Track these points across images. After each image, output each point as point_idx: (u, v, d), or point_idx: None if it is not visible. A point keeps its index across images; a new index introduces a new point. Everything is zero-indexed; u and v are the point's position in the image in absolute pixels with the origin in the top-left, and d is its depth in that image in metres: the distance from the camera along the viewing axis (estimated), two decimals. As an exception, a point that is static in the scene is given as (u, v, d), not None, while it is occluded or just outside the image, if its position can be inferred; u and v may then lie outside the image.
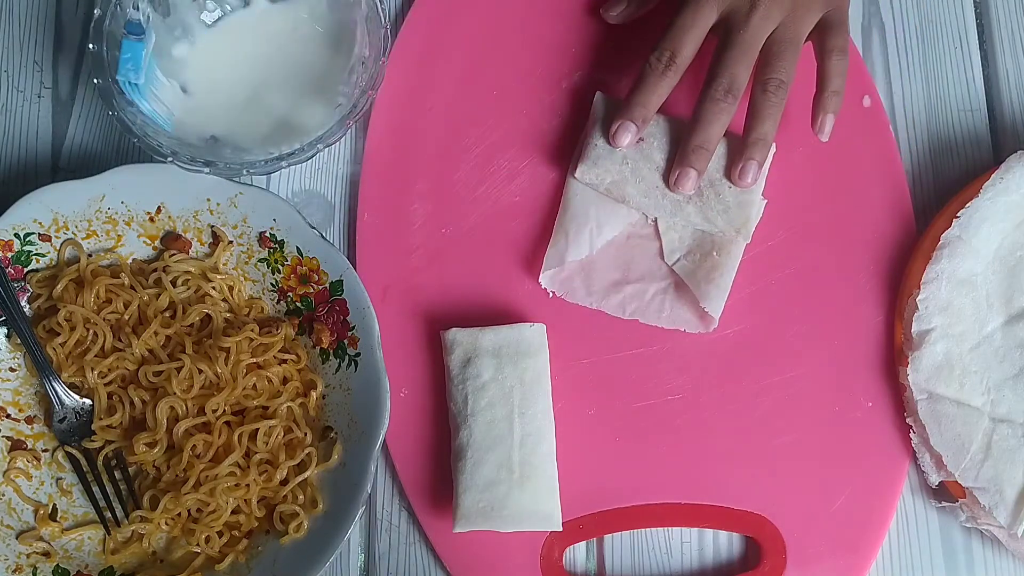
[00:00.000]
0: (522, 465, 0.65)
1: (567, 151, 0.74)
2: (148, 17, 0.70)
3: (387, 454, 0.70)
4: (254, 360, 0.69)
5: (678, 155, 0.68)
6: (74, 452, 0.70)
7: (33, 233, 0.70)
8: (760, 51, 0.68)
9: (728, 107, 0.67)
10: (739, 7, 0.67)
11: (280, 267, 0.71)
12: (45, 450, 0.71)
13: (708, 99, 0.67)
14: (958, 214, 0.69)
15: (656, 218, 0.71)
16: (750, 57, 0.67)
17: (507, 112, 0.75)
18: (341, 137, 0.70)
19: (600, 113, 0.71)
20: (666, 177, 0.69)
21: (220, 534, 0.68)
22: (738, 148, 0.69)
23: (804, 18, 0.68)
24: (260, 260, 0.72)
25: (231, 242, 0.72)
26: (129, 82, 0.69)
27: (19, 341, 0.70)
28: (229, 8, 0.73)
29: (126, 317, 0.70)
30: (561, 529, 0.66)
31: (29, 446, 0.70)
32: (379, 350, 0.68)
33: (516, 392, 0.67)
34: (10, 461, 0.69)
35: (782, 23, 0.67)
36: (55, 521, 0.69)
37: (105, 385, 0.70)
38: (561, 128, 0.75)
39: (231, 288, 0.72)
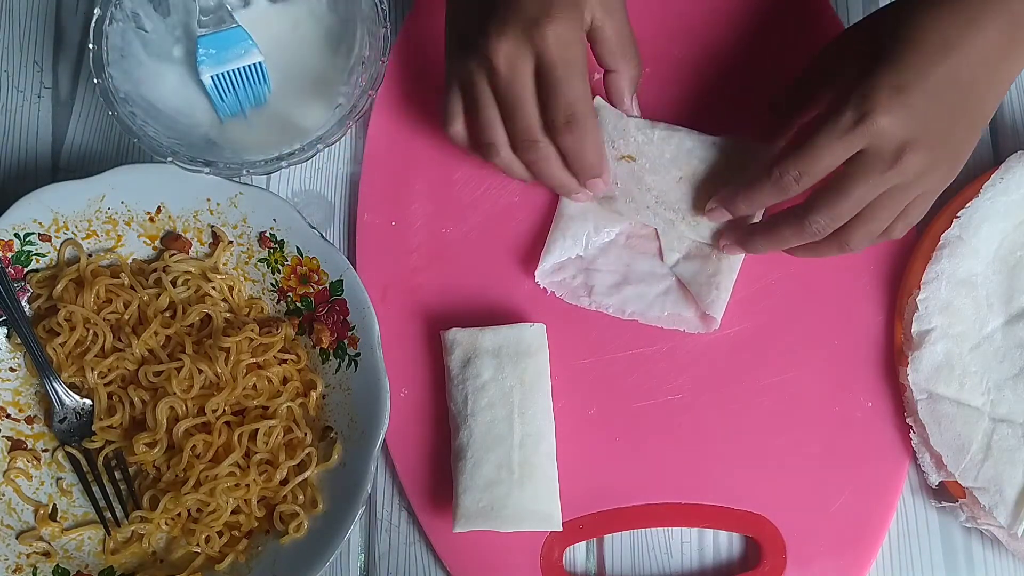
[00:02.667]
0: (522, 465, 0.65)
1: (567, 151, 0.74)
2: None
3: (387, 454, 0.70)
4: (254, 360, 0.69)
5: (724, 196, 0.66)
6: (74, 452, 0.70)
7: (33, 233, 0.70)
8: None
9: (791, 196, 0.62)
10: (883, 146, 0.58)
11: (280, 267, 0.71)
12: (45, 450, 0.71)
13: (779, 180, 0.61)
14: (958, 214, 0.69)
15: None
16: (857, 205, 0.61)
17: (507, 112, 0.75)
18: (341, 137, 0.70)
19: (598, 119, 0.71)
20: (662, 197, 0.69)
21: (220, 534, 0.68)
22: (736, 222, 0.67)
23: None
24: (260, 260, 0.72)
25: (231, 242, 0.72)
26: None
27: (19, 341, 0.70)
28: (229, 8, 0.73)
29: (126, 317, 0.70)
30: (561, 529, 0.66)
31: (29, 446, 0.71)
32: (379, 350, 0.68)
33: (516, 392, 0.67)
34: (10, 461, 0.69)
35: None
36: (55, 521, 0.69)
37: (105, 385, 0.70)
38: (561, 128, 0.75)
39: (231, 288, 0.72)
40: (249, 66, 0.71)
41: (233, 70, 0.71)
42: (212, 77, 0.71)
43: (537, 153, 0.64)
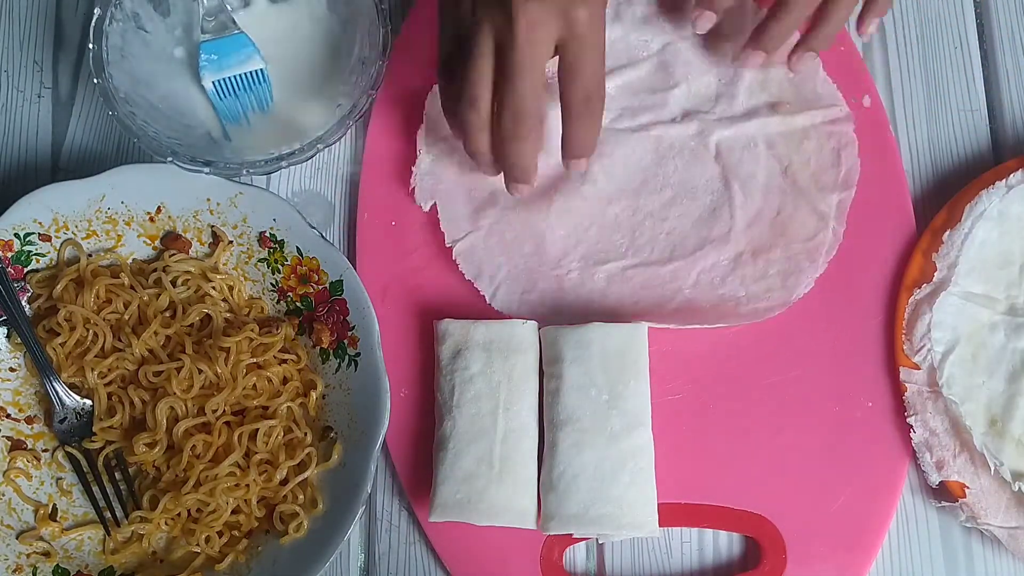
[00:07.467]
0: (502, 460, 0.65)
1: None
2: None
3: (387, 454, 0.70)
4: (254, 360, 0.69)
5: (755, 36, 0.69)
6: (74, 452, 0.70)
7: (33, 233, 0.70)
8: None
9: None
10: None
11: (280, 267, 0.71)
12: (45, 450, 0.71)
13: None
14: (960, 213, 0.69)
15: None
16: None
17: (507, 112, 0.75)
18: (341, 137, 0.70)
19: None
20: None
21: (220, 534, 0.68)
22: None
23: None
24: (260, 260, 0.72)
25: (231, 242, 0.72)
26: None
27: (19, 341, 0.70)
28: (229, 8, 0.73)
29: (126, 317, 0.70)
30: (536, 527, 0.66)
31: (29, 446, 0.71)
32: (379, 350, 0.68)
33: (503, 387, 0.67)
34: (10, 461, 0.69)
35: None
36: (55, 521, 0.69)
37: (105, 385, 0.70)
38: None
39: (231, 288, 0.72)
40: (251, 72, 0.71)
41: (234, 76, 0.71)
42: (214, 83, 0.71)
43: (527, 127, 0.61)
